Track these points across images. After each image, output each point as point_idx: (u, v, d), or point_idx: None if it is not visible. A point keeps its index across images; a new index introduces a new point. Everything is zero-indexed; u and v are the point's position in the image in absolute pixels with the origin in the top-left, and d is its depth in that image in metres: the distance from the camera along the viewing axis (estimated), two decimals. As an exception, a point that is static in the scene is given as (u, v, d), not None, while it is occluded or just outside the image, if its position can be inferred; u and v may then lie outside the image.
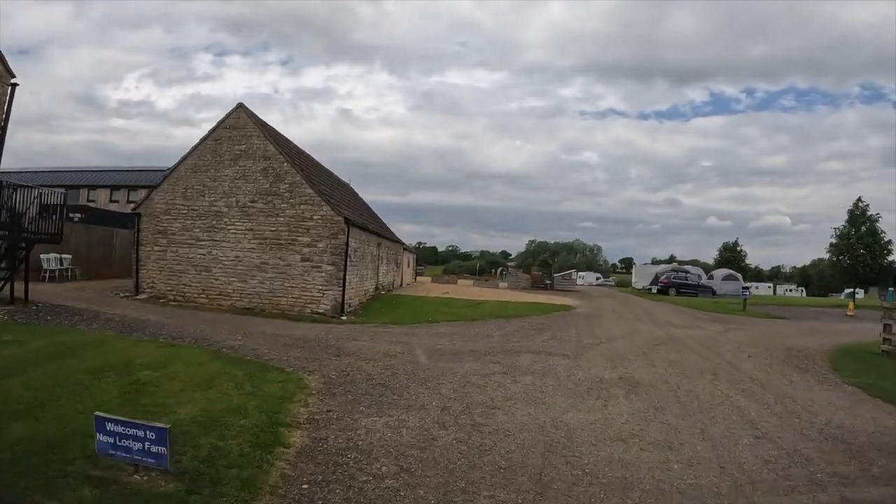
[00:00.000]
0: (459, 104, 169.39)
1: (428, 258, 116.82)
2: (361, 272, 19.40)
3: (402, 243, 32.60)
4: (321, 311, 16.04)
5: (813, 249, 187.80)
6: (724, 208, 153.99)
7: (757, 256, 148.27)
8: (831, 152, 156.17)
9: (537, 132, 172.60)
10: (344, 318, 15.62)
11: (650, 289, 43.47)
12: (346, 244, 16.59)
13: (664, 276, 42.37)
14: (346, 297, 16.52)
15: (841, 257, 35.38)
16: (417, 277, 42.48)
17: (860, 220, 35.59)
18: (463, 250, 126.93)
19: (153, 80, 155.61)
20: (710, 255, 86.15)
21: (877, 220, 35.45)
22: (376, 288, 22.67)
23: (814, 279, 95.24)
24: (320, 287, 16.42)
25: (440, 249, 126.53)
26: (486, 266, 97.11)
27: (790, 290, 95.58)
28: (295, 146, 20.64)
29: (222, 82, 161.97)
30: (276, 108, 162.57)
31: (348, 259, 16.69)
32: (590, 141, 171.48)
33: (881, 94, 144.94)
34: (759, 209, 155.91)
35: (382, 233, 25.23)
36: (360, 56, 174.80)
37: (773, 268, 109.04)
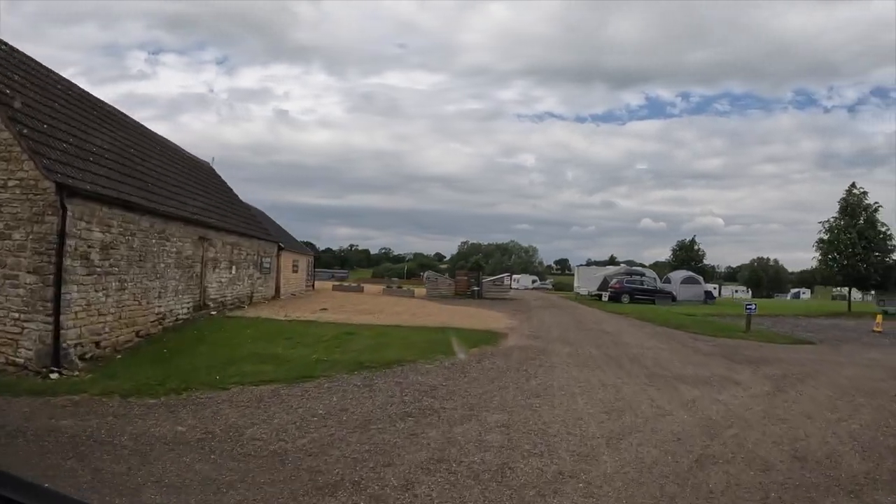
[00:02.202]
0: (398, 106, 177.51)
1: (361, 261, 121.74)
2: (144, 284, 12.38)
3: (278, 242, 26.35)
4: (20, 360, 8.98)
5: (746, 249, 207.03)
6: (659, 210, 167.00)
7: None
8: (765, 156, 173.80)
9: (475, 135, 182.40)
10: (63, 373, 8.85)
11: (598, 295, 39.65)
12: (62, 232, 9.22)
13: (615, 280, 39.06)
14: (70, 334, 9.49)
15: (835, 255, 31.00)
16: (315, 284, 38.70)
17: (858, 211, 31.40)
18: (398, 253, 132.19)
19: (86, 79, 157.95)
20: (646, 256, 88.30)
21: (875, 211, 31.62)
22: (200, 306, 15.88)
23: (763, 280, 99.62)
24: (16, 315, 9.21)
25: (373, 252, 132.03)
26: (417, 269, 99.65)
27: (736, 292, 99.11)
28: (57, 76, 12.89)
29: (157, 81, 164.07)
30: (212, 109, 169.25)
31: (78, 260, 9.85)
32: (527, 143, 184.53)
33: (814, 99, 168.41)
34: (694, 211, 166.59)
35: (227, 226, 18.32)
36: (298, 56, 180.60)
37: (708, 268, 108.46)
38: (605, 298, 37.51)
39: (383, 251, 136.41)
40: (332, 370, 9.31)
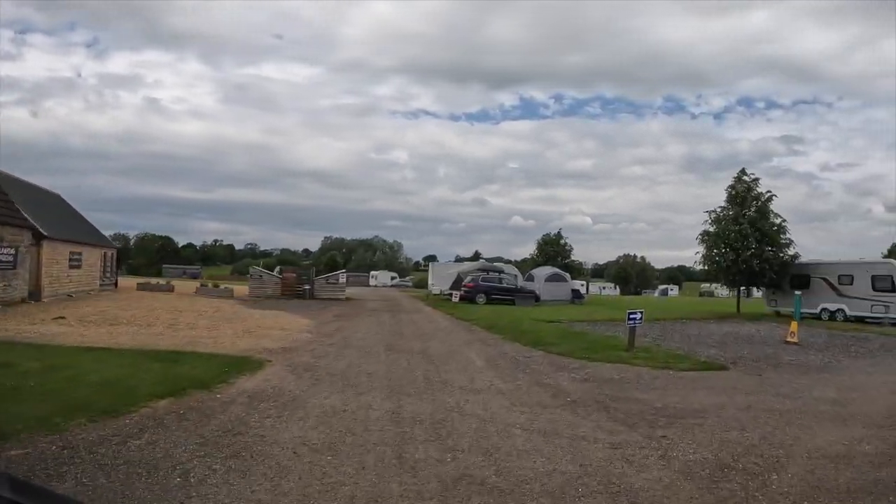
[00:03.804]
0: (272, 98, 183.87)
1: (224, 257, 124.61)
2: None
3: (34, 228, 22.77)
4: None
5: (613, 247, 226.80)
6: (530, 208, 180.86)
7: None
8: (634, 158, 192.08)
9: (349, 130, 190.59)
10: None
11: (450, 295, 36.70)
12: None
13: (469, 278, 36.31)
14: None
15: (722, 250, 28.07)
16: (118, 282, 37.40)
17: (748, 200, 28.72)
18: (265, 249, 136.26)
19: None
20: (515, 253, 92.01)
21: (769, 200, 29.12)
22: None
23: (632, 276, 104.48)
24: None
25: (238, 248, 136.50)
26: (275, 264, 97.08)
27: (604, 288, 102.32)
28: None
29: (22, 63, 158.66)
30: (79, 94, 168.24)
31: None
32: (400, 140, 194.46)
33: (682, 106, 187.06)
34: (563, 209, 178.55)
35: None
36: (172, 43, 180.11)
37: (577, 264, 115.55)
38: (454, 299, 34.69)
39: (249, 247, 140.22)
40: None
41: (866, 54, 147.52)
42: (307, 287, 34.80)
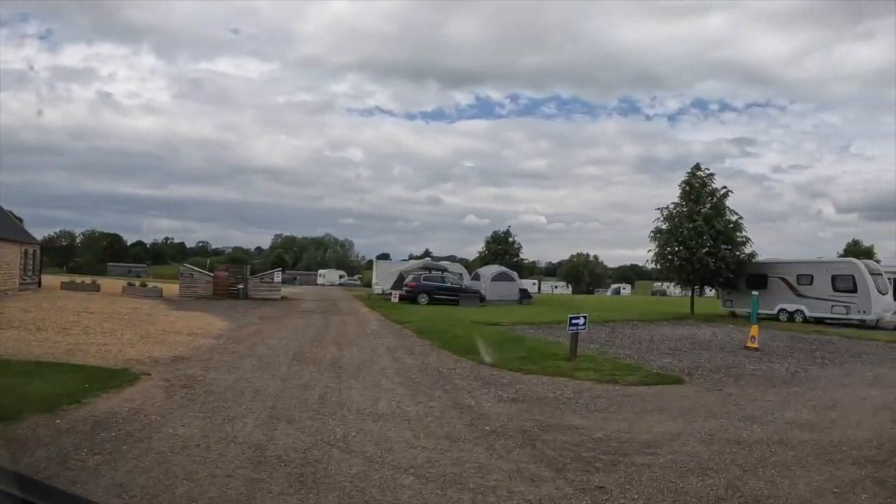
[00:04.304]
0: (227, 94, 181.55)
1: (175, 255, 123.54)
2: None
3: None
4: None
5: (567, 246, 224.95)
6: (484, 207, 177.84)
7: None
8: (589, 158, 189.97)
9: (304, 127, 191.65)
10: None
11: (390, 294, 35.59)
12: None
13: (411, 277, 35.41)
14: None
15: (674, 248, 26.94)
16: (42, 281, 36.13)
17: (703, 196, 27.70)
18: (217, 247, 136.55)
19: None
20: (469, 252, 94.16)
21: (725, 196, 28.10)
22: None
23: (584, 275, 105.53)
24: None
25: (190, 246, 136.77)
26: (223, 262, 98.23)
27: (556, 287, 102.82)
28: None
29: None
30: (31, 88, 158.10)
31: None
32: (356, 138, 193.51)
33: (637, 107, 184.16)
34: (518, 208, 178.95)
35: None
36: (127, 36, 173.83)
37: (529, 262, 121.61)
38: (394, 299, 33.58)
39: (201, 244, 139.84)
40: None
41: (819, 59, 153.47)
42: (241, 286, 33.65)
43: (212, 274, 35.83)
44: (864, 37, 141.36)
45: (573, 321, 12.08)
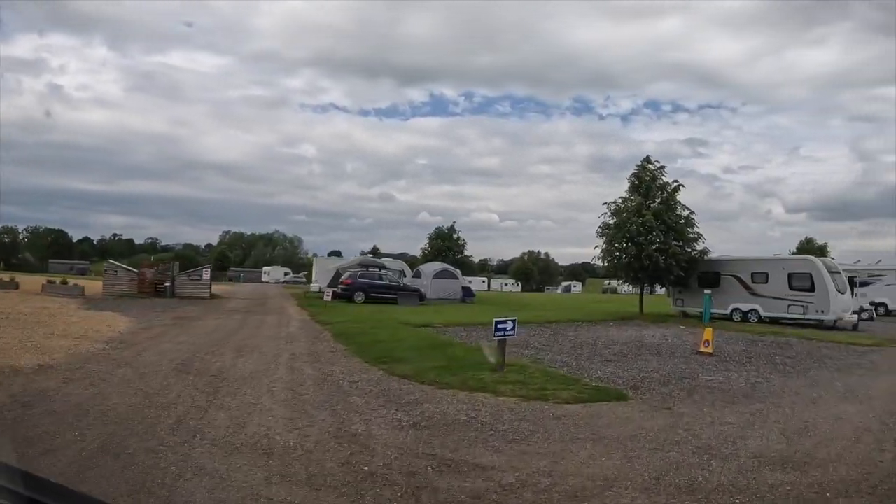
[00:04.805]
0: (180, 88, 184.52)
1: (124, 252, 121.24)
2: None
3: None
4: None
5: (520, 244, 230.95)
6: (437, 204, 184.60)
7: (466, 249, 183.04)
8: (542, 157, 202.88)
9: (257, 122, 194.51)
10: None
11: (324, 293, 34.83)
12: None
13: (347, 274, 34.40)
14: None
15: (622, 245, 25.70)
16: None
17: (653, 189, 26.59)
18: (167, 244, 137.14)
19: None
20: (420, 249, 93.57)
21: (676, 191, 26.80)
22: None
23: (534, 273, 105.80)
24: None
25: (139, 242, 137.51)
26: (174, 261, 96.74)
27: (506, 285, 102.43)
28: None
29: None
30: None
31: None
32: (309, 134, 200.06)
33: (591, 107, 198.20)
34: (470, 206, 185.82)
35: None
36: (80, 27, 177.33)
37: (480, 260, 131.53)
38: (326, 297, 32.67)
39: (150, 241, 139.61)
40: None
41: (771, 63, 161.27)
42: (167, 284, 32.70)
43: (137, 271, 34.62)
44: (816, 42, 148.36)
45: (499, 326, 10.39)
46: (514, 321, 10.62)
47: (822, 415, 7.96)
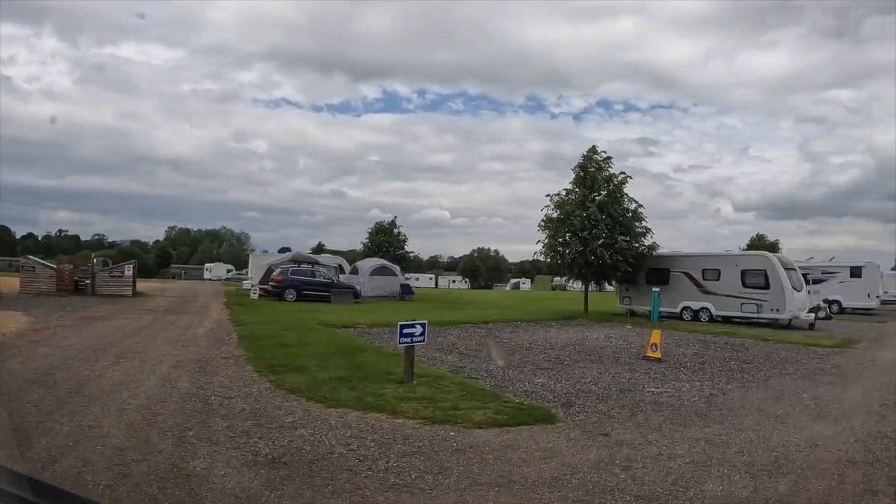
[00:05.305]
0: (131, 81, 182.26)
1: (69, 249, 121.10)
2: None
3: None
4: None
5: (471, 241, 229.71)
6: (388, 201, 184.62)
7: (416, 247, 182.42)
8: (494, 154, 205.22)
9: (209, 117, 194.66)
10: None
11: (252, 290, 32.57)
12: None
13: (278, 271, 33.40)
14: None
15: (565, 239, 24.38)
16: None
17: (598, 181, 25.26)
18: (115, 240, 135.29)
19: None
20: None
21: (623, 183, 25.49)
22: None
23: (481, 270, 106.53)
24: None
25: (85, 239, 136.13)
26: (119, 258, 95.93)
27: (454, 282, 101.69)
28: None
29: None
30: None
31: None
32: (261, 129, 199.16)
33: (543, 105, 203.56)
34: (422, 203, 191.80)
35: None
36: (30, 16, 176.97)
37: (431, 257, 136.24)
38: (253, 295, 30.60)
39: (97, 237, 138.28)
40: None
41: (721, 65, 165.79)
42: (87, 281, 31.63)
43: (56, 268, 33.23)
44: (768, 46, 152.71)
45: (405, 331, 8.68)
46: (423, 325, 8.91)
47: (793, 440, 6.48)
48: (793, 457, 5.89)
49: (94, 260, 35.78)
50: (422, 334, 8.84)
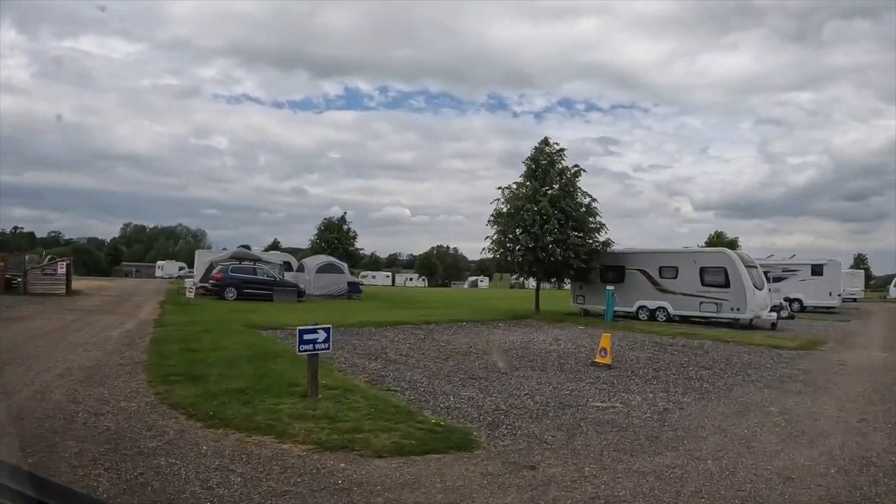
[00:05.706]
0: (90, 75, 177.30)
1: (23, 247, 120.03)
2: None
3: None
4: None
5: (431, 239, 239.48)
6: (349, 198, 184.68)
7: (375, 245, 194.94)
8: (455, 152, 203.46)
9: (169, 112, 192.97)
10: None
11: (188, 289, 30.50)
12: None
13: (218, 268, 32.62)
14: None
15: (515, 235, 23.40)
16: None
17: (552, 175, 24.30)
18: (72, 237, 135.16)
19: None
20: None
21: (576, 176, 24.61)
22: None
23: (438, 267, 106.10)
24: None
25: (41, 236, 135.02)
26: (74, 256, 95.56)
27: (410, 280, 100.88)
28: None
29: None
30: None
31: None
32: (222, 125, 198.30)
33: (505, 104, 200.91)
34: (383, 200, 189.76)
35: None
36: None
37: (390, 255, 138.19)
38: (189, 294, 29.06)
39: (52, 235, 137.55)
40: None
41: (683, 66, 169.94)
42: (19, 279, 30.88)
43: None
44: (729, 48, 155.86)
45: (306, 338, 7.37)
46: (327, 330, 7.59)
47: (763, 472, 5.33)
48: (764, 497, 4.73)
49: (27, 258, 35.07)
50: (325, 340, 7.53)
